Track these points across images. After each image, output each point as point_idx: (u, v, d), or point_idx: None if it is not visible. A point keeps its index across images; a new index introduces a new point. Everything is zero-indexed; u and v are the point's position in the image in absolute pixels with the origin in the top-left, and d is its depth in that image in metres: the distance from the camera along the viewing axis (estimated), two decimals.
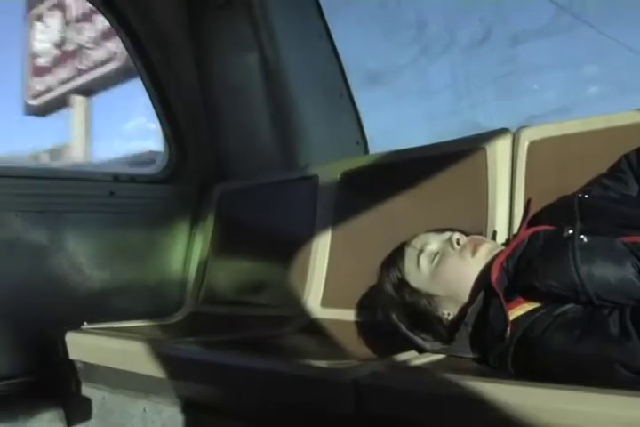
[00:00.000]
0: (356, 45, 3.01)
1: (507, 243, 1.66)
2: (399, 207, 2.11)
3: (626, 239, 1.28)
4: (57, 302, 2.37)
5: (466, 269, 1.47)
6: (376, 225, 2.15)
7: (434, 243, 1.54)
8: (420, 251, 1.54)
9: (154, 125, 2.85)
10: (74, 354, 2.08)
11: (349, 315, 2.05)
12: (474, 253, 1.48)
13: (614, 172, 1.57)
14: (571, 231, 1.31)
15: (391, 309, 1.58)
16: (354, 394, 1.30)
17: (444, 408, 1.18)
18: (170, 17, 2.80)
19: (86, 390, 2.12)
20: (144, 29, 2.74)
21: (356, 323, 2.01)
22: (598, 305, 1.22)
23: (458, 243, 1.50)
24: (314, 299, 2.20)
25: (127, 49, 2.78)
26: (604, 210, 1.40)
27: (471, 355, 1.45)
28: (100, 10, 2.74)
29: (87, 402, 2.11)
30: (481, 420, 1.12)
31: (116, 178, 2.66)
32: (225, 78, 2.80)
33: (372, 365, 1.42)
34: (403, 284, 1.54)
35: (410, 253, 1.56)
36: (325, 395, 1.37)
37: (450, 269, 1.49)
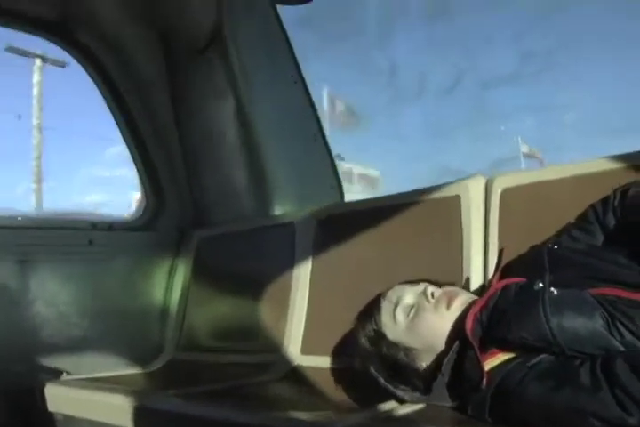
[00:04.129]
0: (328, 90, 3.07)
1: (481, 290, 1.70)
2: (375, 254, 2.14)
3: (594, 291, 1.32)
4: (36, 352, 2.35)
5: (441, 322, 1.51)
6: (353, 271, 2.17)
7: (409, 296, 1.57)
8: (396, 304, 1.57)
9: None
10: (53, 406, 2.06)
11: (329, 362, 2.06)
12: (448, 306, 1.51)
13: (582, 222, 1.61)
14: (541, 284, 1.35)
15: (369, 361, 1.61)
16: None
17: None
18: (147, 65, 2.85)
19: None
20: (122, 77, 2.79)
21: (336, 370, 2.02)
22: (570, 355, 1.26)
23: (432, 296, 1.54)
24: (294, 346, 2.21)
25: (104, 97, 2.82)
26: (573, 262, 1.44)
27: (449, 403, 1.47)
28: (77, 59, 2.78)
29: None
30: None
31: (94, 226, 2.67)
32: (202, 125, 2.84)
33: (354, 417, 1.44)
34: (380, 336, 1.57)
35: (386, 307, 1.59)
36: None
37: (426, 322, 1.52)
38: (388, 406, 1.53)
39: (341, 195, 2.83)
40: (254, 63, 2.77)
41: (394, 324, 1.55)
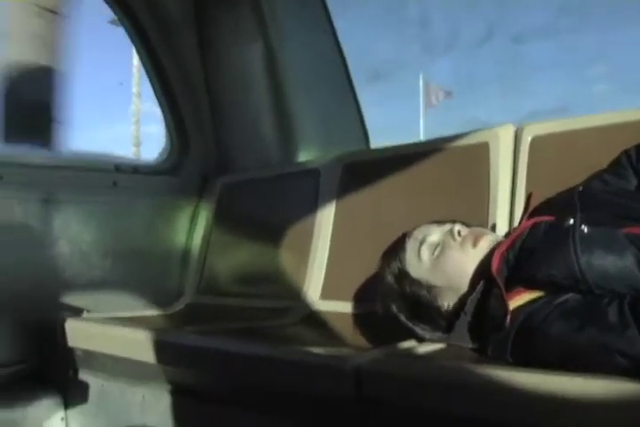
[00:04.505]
0: (359, 41, 3.02)
1: (507, 236, 1.68)
2: (401, 201, 2.12)
3: (626, 230, 1.29)
4: (57, 291, 2.37)
5: (466, 261, 1.49)
6: (377, 218, 2.16)
7: (435, 234, 1.55)
8: (422, 242, 1.55)
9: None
10: (73, 341, 2.08)
11: (349, 307, 2.07)
12: (475, 244, 1.50)
13: (615, 167, 1.58)
14: (572, 222, 1.33)
15: (391, 299, 1.59)
16: (355, 381, 1.31)
17: (443, 394, 1.20)
18: (175, 7, 2.81)
19: (85, 377, 2.13)
20: (149, 19, 2.75)
21: (356, 315, 2.03)
22: (598, 294, 1.24)
23: (459, 234, 1.52)
24: (313, 291, 2.22)
25: (131, 39, 2.79)
26: (605, 202, 1.42)
27: (470, 345, 1.46)
28: (107, 3, 2.75)
29: (86, 389, 2.12)
30: (480, 404, 1.14)
31: (118, 168, 2.66)
32: (229, 70, 2.81)
33: (372, 353, 1.44)
34: (403, 274, 1.55)
35: (411, 245, 1.57)
36: (326, 382, 1.38)
37: (451, 260, 1.50)
38: (408, 344, 1.53)
39: (368, 145, 2.80)
40: (284, 9, 2.73)
41: (418, 261, 1.53)
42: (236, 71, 2.78)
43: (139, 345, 1.82)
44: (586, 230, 1.29)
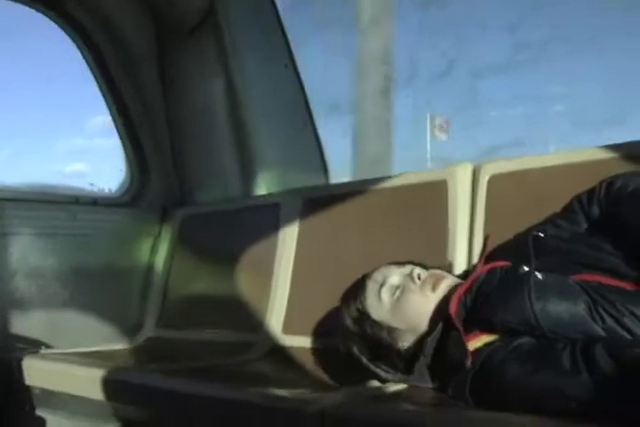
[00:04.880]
0: (320, 75, 3.07)
1: (465, 275, 1.71)
2: (360, 236, 2.15)
3: (577, 277, 1.34)
4: (15, 326, 2.34)
5: (426, 304, 1.52)
6: (338, 253, 2.18)
7: (395, 276, 1.58)
8: (382, 284, 1.57)
9: None
10: (30, 380, 2.05)
11: (311, 342, 2.07)
12: (434, 288, 1.53)
13: (567, 212, 1.63)
14: (526, 269, 1.37)
15: (352, 341, 1.62)
16: (320, 425, 1.32)
17: None
18: (138, 41, 2.83)
19: (43, 415, 2.09)
20: (112, 53, 2.77)
21: (319, 350, 2.04)
22: (552, 338, 1.28)
23: (419, 278, 1.55)
24: (275, 325, 2.22)
25: (93, 72, 2.79)
26: (558, 248, 1.47)
27: (430, 385, 1.49)
28: (68, 33, 2.75)
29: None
30: None
31: (78, 200, 2.65)
32: (191, 103, 2.83)
33: (336, 395, 1.44)
34: (364, 316, 1.58)
35: (371, 287, 1.60)
36: (290, 425, 1.39)
37: (411, 303, 1.53)
38: (370, 385, 1.54)
39: (327, 177, 2.83)
40: (246, 44, 2.75)
41: (379, 303, 1.56)
42: (197, 105, 2.80)
43: (98, 384, 1.80)
44: (540, 277, 1.33)
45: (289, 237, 2.33)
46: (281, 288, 2.28)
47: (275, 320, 2.23)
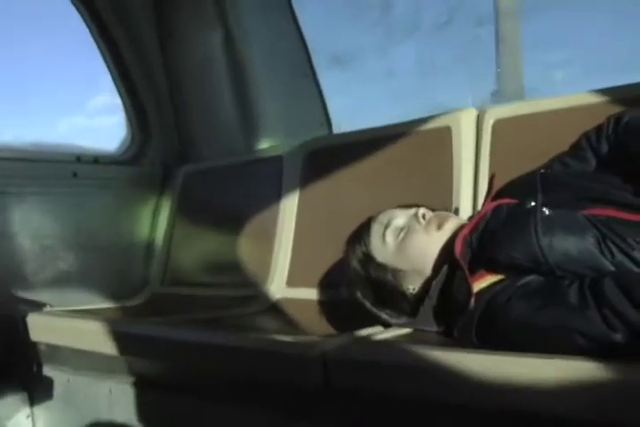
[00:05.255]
0: (320, 27, 3.00)
1: (471, 219, 1.68)
2: (364, 186, 2.12)
3: (586, 212, 1.30)
4: (19, 285, 2.33)
5: (431, 244, 1.49)
6: (341, 204, 2.16)
7: (400, 218, 1.55)
8: (386, 226, 1.55)
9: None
10: (36, 336, 2.05)
11: (315, 294, 2.07)
12: (439, 227, 1.50)
13: (575, 150, 1.59)
14: (533, 204, 1.34)
15: (356, 285, 1.59)
16: (322, 368, 1.30)
17: (411, 379, 1.20)
18: None
19: (50, 372, 2.10)
20: (107, 8, 2.70)
21: (322, 302, 2.03)
22: (560, 276, 1.24)
23: (424, 218, 1.52)
24: (279, 278, 2.21)
25: (89, 28, 2.74)
26: (565, 184, 1.43)
27: (436, 328, 1.47)
28: None
29: (51, 384, 2.09)
30: (447, 388, 1.14)
31: (79, 159, 2.62)
32: (189, 58, 2.78)
33: (339, 339, 1.43)
34: (368, 259, 1.55)
35: (376, 229, 1.57)
36: (293, 369, 1.37)
37: (415, 243, 1.50)
38: (373, 329, 1.53)
39: (330, 131, 2.79)
40: None
41: (383, 245, 1.53)
42: (196, 60, 2.75)
43: (103, 338, 1.79)
44: (547, 212, 1.30)
45: (292, 190, 2.31)
46: (284, 242, 2.26)
47: (279, 273, 2.22)
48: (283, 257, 2.23)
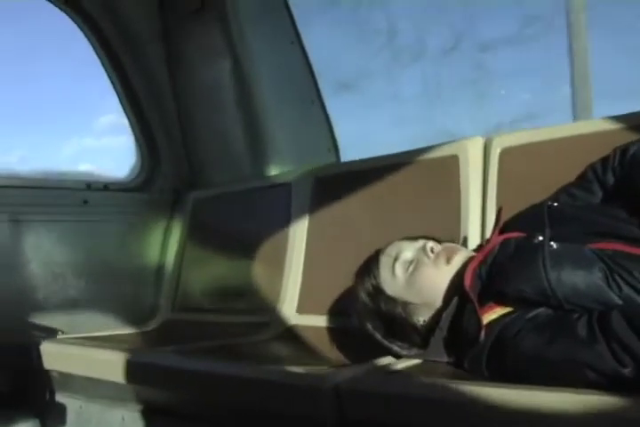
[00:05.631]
0: (327, 52, 3.04)
1: (478, 249, 1.70)
2: (372, 214, 2.14)
3: (593, 246, 1.32)
4: (31, 313, 2.35)
5: (440, 277, 1.51)
6: (350, 231, 2.17)
7: (408, 251, 1.57)
8: (395, 259, 1.56)
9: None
10: (49, 364, 2.07)
11: (325, 321, 2.07)
12: (448, 261, 1.52)
13: (581, 181, 1.61)
14: (541, 238, 1.35)
15: (366, 318, 1.61)
16: (335, 399, 1.32)
17: (424, 411, 1.21)
18: (142, 23, 2.81)
19: (63, 399, 2.11)
20: (116, 36, 2.75)
21: (333, 329, 2.04)
22: (568, 309, 1.26)
23: (432, 251, 1.54)
24: (289, 305, 2.22)
25: (99, 56, 2.78)
26: (573, 217, 1.44)
27: (446, 359, 1.48)
28: (70, 16, 2.73)
29: (63, 411, 2.10)
30: (461, 420, 1.16)
31: (89, 186, 2.65)
32: (198, 85, 2.81)
33: (351, 370, 1.44)
34: (378, 291, 1.57)
35: (385, 262, 1.58)
36: (306, 401, 1.39)
37: (425, 277, 1.52)
38: (385, 360, 1.54)
39: (338, 157, 2.82)
40: (251, 23, 2.73)
41: (393, 278, 1.55)
42: (204, 86, 2.78)
43: (116, 366, 1.81)
44: (555, 246, 1.31)
45: (301, 217, 2.33)
46: (294, 268, 2.28)
47: (289, 300, 2.23)
48: (293, 284, 2.24)
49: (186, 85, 2.85)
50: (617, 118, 1.77)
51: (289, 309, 2.21)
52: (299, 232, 2.31)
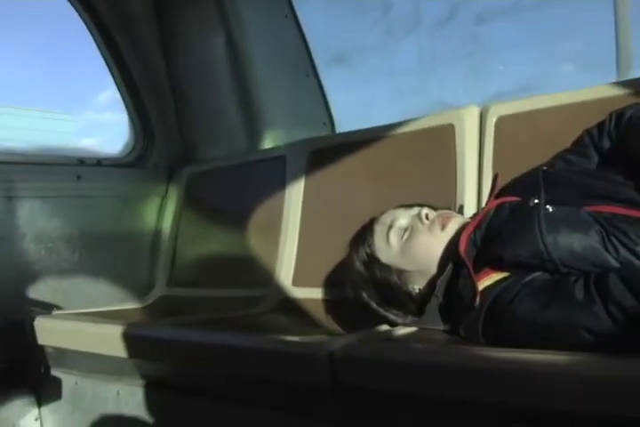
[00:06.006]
0: (321, 26, 3.00)
1: (474, 217, 1.68)
2: (368, 185, 2.12)
3: (589, 209, 1.30)
4: (26, 288, 2.35)
5: (435, 244, 1.49)
6: (345, 203, 2.16)
7: (403, 218, 1.55)
8: (390, 227, 1.55)
9: None
10: (44, 339, 2.06)
11: (321, 293, 2.07)
12: (443, 227, 1.50)
13: (577, 146, 1.59)
14: (536, 201, 1.34)
15: (361, 286, 1.60)
16: (329, 367, 1.31)
17: (418, 377, 1.20)
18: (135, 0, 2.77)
19: (58, 374, 2.11)
20: (109, 12, 2.71)
21: (328, 301, 2.03)
22: (565, 273, 1.25)
23: (427, 218, 1.52)
24: (285, 278, 2.21)
25: (91, 32, 2.74)
26: (568, 181, 1.43)
27: (442, 327, 1.47)
28: None
29: (59, 386, 2.10)
30: (455, 386, 1.14)
31: (82, 162, 2.63)
32: (191, 60, 2.78)
33: (346, 338, 1.43)
34: (372, 260, 1.55)
35: (379, 230, 1.57)
36: (301, 369, 1.38)
37: (420, 243, 1.50)
38: (380, 328, 1.53)
39: (333, 131, 2.79)
40: None
41: (387, 246, 1.53)
42: (198, 61, 2.75)
43: (110, 340, 1.80)
44: (550, 210, 1.30)
45: (296, 190, 2.31)
46: (289, 241, 2.26)
47: (284, 273, 2.22)
48: (288, 257, 2.23)
49: (179, 61, 2.82)
50: (613, 85, 1.75)
51: (285, 281, 2.20)
52: (293, 205, 2.30)
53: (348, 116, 2.89)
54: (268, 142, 2.70)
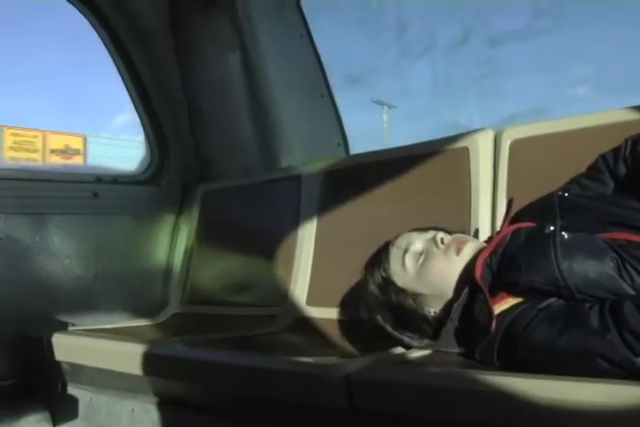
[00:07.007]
0: (336, 47, 3.03)
1: (489, 241, 1.70)
2: (382, 207, 2.13)
3: (604, 235, 1.32)
4: (42, 304, 2.36)
5: (451, 268, 1.51)
6: (360, 224, 2.17)
7: (418, 242, 1.57)
8: (405, 250, 1.56)
9: None
10: (60, 355, 2.07)
11: (335, 313, 2.07)
12: (458, 252, 1.51)
13: (592, 171, 1.60)
14: (552, 228, 1.35)
15: (376, 310, 1.61)
16: (346, 389, 1.32)
17: (434, 400, 1.21)
18: (152, 16, 2.80)
19: (73, 390, 2.12)
20: (125, 29, 2.74)
21: (342, 321, 2.04)
22: (580, 299, 1.26)
23: (442, 242, 1.54)
24: (299, 298, 2.22)
25: (108, 49, 2.78)
26: (583, 207, 1.44)
27: (457, 350, 1.48)
28: (79, 9, 2.74)
29: (74, 403, 2.11)
30: (470, 409, 1.15)
31: (99, 179, 2.66)
32: (207, 79, 2.81)
33: (361, 360, 1.44)
34: (388, 283, 1.57)
35: (395, 253, 1.58)
36: (317, 391, 1.39)
37: (435, 268, 1.52)
38: (396, 351, 1.54)
39: (347, 151, 2.81)
40: (261, 16, 2.72)
41: (403, 270, 1.55)
42: (213, 78, 2.78)
43: (126, 358, 1.82)
44: (566, 236, 1.31)
45: (311, 210, 2.33)
46: (304, 261, 2.27)
47: (298, 292, 2.23)
48: (302, 276, 2.24)
49: (195, 78, 2.84)
50: (628, 110, 1.76)
51: (299, 301, 2.21)
52: (308, 225, 2.31)
53: (363, 136, 2.91)
54: (282, 161, 2.72)
